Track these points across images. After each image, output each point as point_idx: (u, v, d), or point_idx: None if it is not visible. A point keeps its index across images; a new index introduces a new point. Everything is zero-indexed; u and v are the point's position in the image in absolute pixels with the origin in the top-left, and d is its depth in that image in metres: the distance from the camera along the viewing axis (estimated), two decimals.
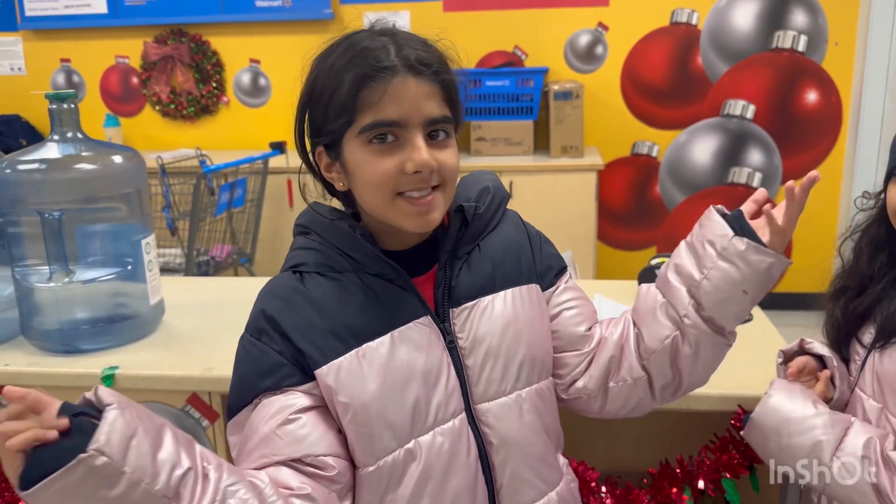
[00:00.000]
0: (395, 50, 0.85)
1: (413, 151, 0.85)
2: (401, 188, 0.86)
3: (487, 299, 0.95)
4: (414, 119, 0.85)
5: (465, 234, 0.96)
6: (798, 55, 3.61)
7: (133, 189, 1.55)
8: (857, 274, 1.17)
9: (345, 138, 0.87)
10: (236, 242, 3.48)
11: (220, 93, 4.03)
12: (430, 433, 0.90)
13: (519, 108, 3.64)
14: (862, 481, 1.00)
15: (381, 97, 0.83)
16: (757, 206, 1.02)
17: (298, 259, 0.94)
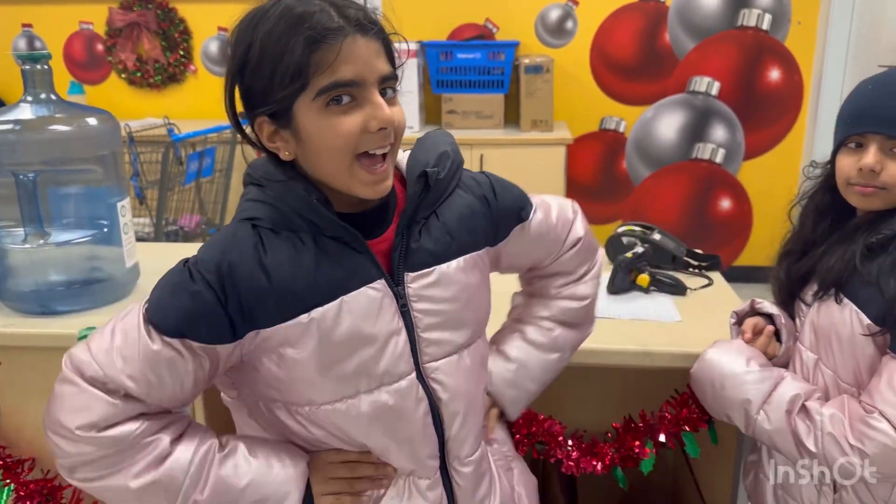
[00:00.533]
0: (335, 11, 0.84)
1: (375, 109, 0.85)
2: (362, 148, 0.86)
3: (443, 267, 0.96)
4: (369, 77, 0.85)
5: (424, 200, 0.97)
6: (762, 33, 3.68)
7: (108, 151, 1.55)
8: (801, 238, 1.25)
9: (296, 105, 0.84)
10: (205, 213, 3.47)
11: (187, 61, 3.98)
12: (375, 391, 0.93)
13: (490, 81, 3.67)
14: (782, 429, 1.12)
15: (336, 58, 0.82)
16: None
17: (253, 212, 0.92)
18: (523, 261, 1.16)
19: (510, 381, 1.18)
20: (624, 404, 1.44)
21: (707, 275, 1.71)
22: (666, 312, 1.51)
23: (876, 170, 1.10)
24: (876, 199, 1.12)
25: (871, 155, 1.10)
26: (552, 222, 1.13)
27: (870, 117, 1.12)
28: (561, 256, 1.16)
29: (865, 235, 1.12)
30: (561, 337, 1.20)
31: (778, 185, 3.87)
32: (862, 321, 1.09)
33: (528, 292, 1.24)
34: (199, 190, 3.42)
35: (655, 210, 3.97)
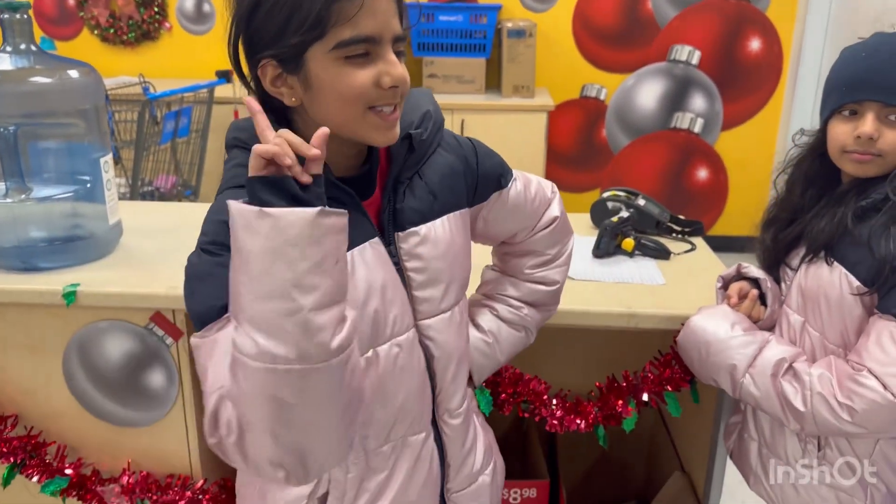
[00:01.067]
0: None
1: (390, 66, 0.85)
2: (374, 102, 0.86)
3: (430, 225, 0.99)
4: (386, 35, 0.85)
5: (408, 160, 0.98)
6: (744, 3, 3.70)
7: (90, 105, 1.52)
8: (788, 205, 1.26)
9: (310, 52, 0.83)
10: (181, 174, 3.42)
11: (162, 18, 3.89)
12: (387, 343, 0.95)
13: (472, 45, 3.64)
14: (768, 392, 1.15)
15: (358, 11, 0.82)
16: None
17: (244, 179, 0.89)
18: (498, 230, 1.17)
19: (482, 349, 1.21)
20: (608, 365, 1.47)
21: (690, 240, 1.73)
22: (650, 276, 1.53)
23: (874, 137, 1.11)
24: (872, 165, 1.14)
25: (869, 122, 1.11)
26: (531, 195, 1.16)
27: (866, 84, 1.12)
28: (535, 234, 1.19)
29: (855, 199, 1.14)
30: (529, 316, 1.24)
31: (754, 155, 3.91)
32: (851, 283, 1.12)
33: (500, 269, 1.27)
34: (174, 150, 3.37)
35: (634, 179, 4.00)
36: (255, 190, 0.76)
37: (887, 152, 1.12)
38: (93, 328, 1.47)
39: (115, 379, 1.50)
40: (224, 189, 0.90)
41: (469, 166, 1.06)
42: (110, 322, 1.46)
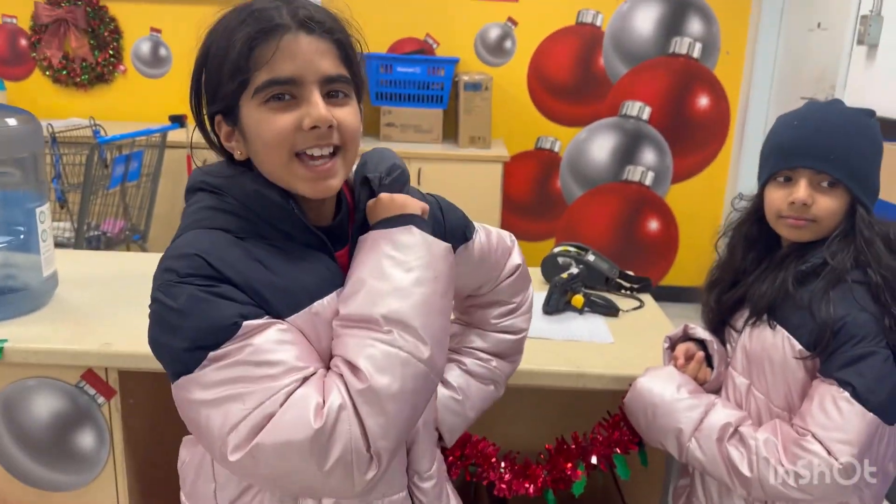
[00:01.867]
0: (287, 10, 0.84)
1: (310, 107, 0.83)
2: (299, 146, 0.85)
3: None
4: (309, 76, 0.83)
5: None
6: (693, 61, 3.81)
7: (28, 154, 1.48)
8: (730, 267, 1.27)
9: (241, 101, 0.85)
10: (129, 218, 3.34)
11: (116, 61, 3.85)
12: None
13: (429, 96, 3.67)
14: (714, 457, 1.14)
15: (274, 54, 0.82)
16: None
17: (216, 221, 0.86)
18: (465, 283, 1.15)
19: (452, 407, 1.17)
20: (557, 425, 1.45)
21: (638, 297, 1.74)
22: (599, 334, 1.53)
23: (808, 203, 1.13)
24: (807, 231, 1.16)
25: (802, 189, 1.14)
26: (493, 245, 1.14)
27: (798, 152, 1.15)
28: (500, 284, 1.17)
29: (795, 263, 1.16)
30: (498, 368, 1.21)
31: (704, 208, 4.00)
32: (794, 346, 1.12)
33: (464, 321, 1.23)
34: (124, 194, 3.30)
35: (587, 229, 4.05)
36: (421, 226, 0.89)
37: (821, 217, 1.14)
38: (20, 385, 1.40)
39: (43, 440, 1.43)
40: (190, 228, 0.86)
41: (437, 222, 1.03)
42: (39, 379, 1.40)
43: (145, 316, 0.83)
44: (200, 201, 0.89)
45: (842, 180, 1.13)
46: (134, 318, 1.46)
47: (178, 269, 0.81)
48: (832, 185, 1.14)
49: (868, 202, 1.16)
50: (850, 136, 1.14)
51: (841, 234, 1.15)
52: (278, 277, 0.84)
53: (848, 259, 1.12)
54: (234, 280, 0.81)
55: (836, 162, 1.13)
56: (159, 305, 0.81)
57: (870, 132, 1.17)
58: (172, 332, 0.79)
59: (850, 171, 1.13)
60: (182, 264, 0.81)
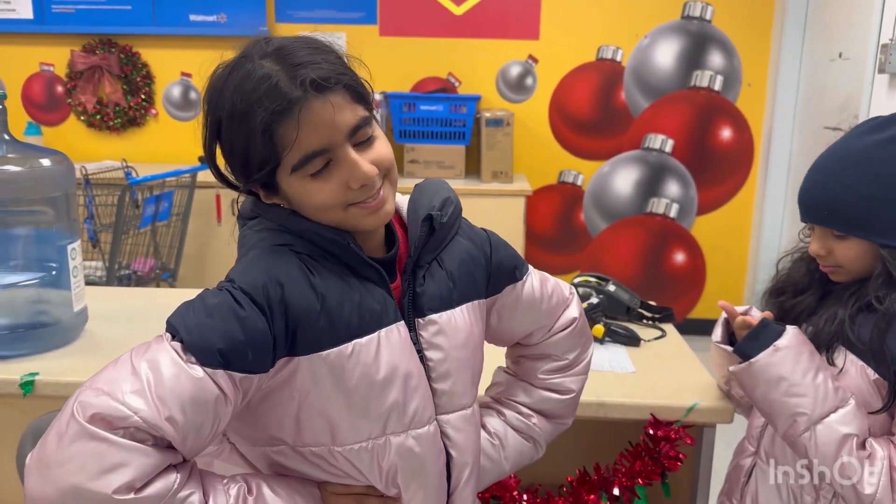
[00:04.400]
0: (287, 77, 0.81)
1: (353, 168, 0.83)
2: (351, 201, 0.85)
3: (450, 313, 0.95)
4: (337, 138, 0.83)
5: (428, 244, 0.94)
6: (714, 94, 3.83)
7: (60, 193, 1.53)
8: (792, 281, 1.27)
9: (278, 177, 0.85)
10: (160, 257, 3.42)
11: (148, 105, 3.97)
12: (403, 434, 0.90)
13: (452, 132, 3.73)
14: (827, 456, 1.08)
15: (297, 132, 0.80)
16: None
17: (284, 239, 0.87)
18: (513, 327, 1.10)
19: (488, 452, 1.11)
20: (579, 456, 1.44)
21: (660, 326, 1.73)
22: (620, 363, 1.52)
23: (822, 254, 1.16)
24: (840, 274, 1.18)
25: (814, 242, 1.18)
26: (547, 292, 1.10)
27: (803, 206, 1.20)
28: (552, 335, 1.12)
29: (853, 299, 1.15)
30: (538, 426, 1.14)
31: (730, 240, 3.97)
32: (869, 375, 1.11)
33: (513, 371, 1.18)
34: (154, 234, 3.38)
35: (612, 262, 4.04)
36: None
37: (845, 264, 1.16)
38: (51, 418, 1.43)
39: None
40: (257, 247, 0.87)
41: (485, 255, 1.02)
42: None
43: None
44: (259, 225, 0.90)
45: (848, 233, 1.14)
46: None
47: (238, 279, 0.83)
48: (843, 235, 1.14)
49: (892, 240, 1.11)
50: (853, 181, 1.11)
51: (882, 274, 1.11)
52: (325, 312, 0.84)
53: (892, 300, 1.09)
54: (285, 310, 0.82)
55: (837, 217, 1.13)
56: (204, 294, 0.83)
57: (888, 167, 1.10)
58: (188, 310, 0.81)
59: (853, 221, 1.12)
60: (244, 278, 0.83)
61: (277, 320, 0.81)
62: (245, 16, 3.79)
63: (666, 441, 1.32)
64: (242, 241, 0.92)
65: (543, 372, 1.13)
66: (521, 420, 1.13)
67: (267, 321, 0.81)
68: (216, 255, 3.55)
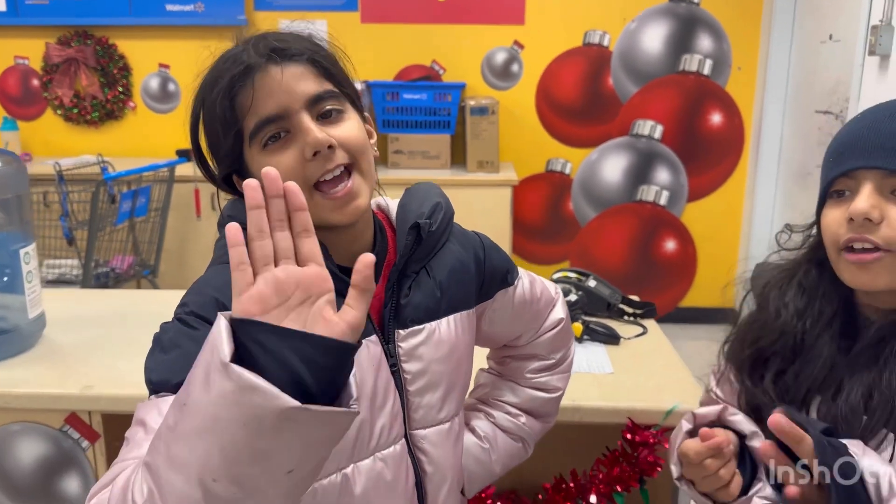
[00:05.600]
0: (252, 48, 0.82)
1: (305, 135, 0.80)
2: (312, 178, 0.81)
3: (434, 324, 0.91)
4: (293, 104, 0.80)
5: (415, 252, 0.90)
6: (703, 78, 3.75)
7: (12, 195, 1.46)
8: (779, 329, 0.88)
9: (245, 155, 0.83)
10: (139, 253, 3.35)
11: (126, 98, 3.89)
12: (370, 458, 0.85)
13: (436, 121, 3.65)
14: None
15: (252, 97, 0.80)
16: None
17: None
18: (503, 331, 1.08)
19: (477, 455, 1.08)
20: (555, 462, 1.39)
21: (641, 323, 1.67)
22: (598, 364, 1.47)
23: (873, 217, 0.78)
24: (880, 270, 0.78)
25: (865, 197, 0.78)
26: (536, 295, 1.08)
27: (859, 146, 0.81)
28: (539, 336, 1.11)
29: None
30: (527, 426, 1.12)
31: (722, 226, 3.91)
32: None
33: (497, 372, 1.16)
34: (133, 230, 3.31)
35: (602, 251, 3.98)
36: (255, 335, 0.60)
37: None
38: (4, 430, 1.38)
39: (28, 485, 1.40)
40: (216, 262, 0.86)
41: (477, 261, 0.99)
42: (23, 424, 1.37)
43: (130, 357, 0.85)
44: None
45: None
46: (118, 359, 1.44)
47: (189, 302, 0.80)
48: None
49: None
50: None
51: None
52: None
53: None
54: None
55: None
56: (158, 332, 0.80)
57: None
58: (152, 359, 0.77)
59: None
60: (195, 299, 0.80)
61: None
62: (223, 4, 3.70)
63: (644, 446, 1.27)
64: (214, 252, 0.90)
65: (530, 371, 1.12)
66: (510, 420, 1.11)
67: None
68: (197, 251, 3.48)
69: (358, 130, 0.85)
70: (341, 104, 0.84)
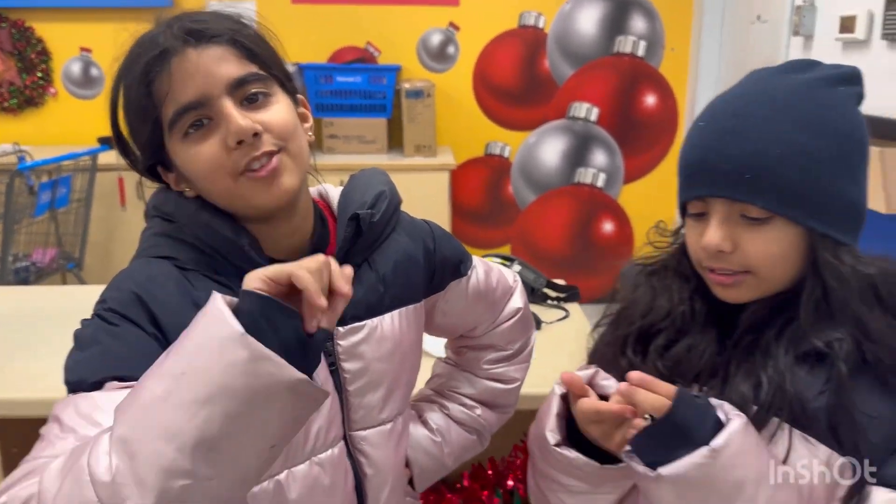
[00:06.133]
0: (168, 31, 0.76)
1: (228, 122, 0.75)
2: (238, 167, 0.76)
3: (376, 321, 0.87)
4: (214, 90, 0.75)
5: (356, 244, 0.86)
6: (638, 60, 3.77)
7: None
8: (665, 309, 0.85)
9: (166, 144, 0.78)
10: (62, 246, 3.22)
11: (46, 83, 3.71)
12: (306, 463, 0.82)
13: (372, 105, 3.59)
14: None
15: (170, 83, 0.75)
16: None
17: (167, 250, 0.80)
18: (458, 322, 1.05)
19: (428, 448, 1.06)
20: None
21: (564, 307, 1.66)
22: None
23: (725, 249, 0.76)
24: (743, 288, 0.78)
25: (713, 230, 0.77)
26: (492, 285, 1.05)
27: (702, 172, 0.78)
28: (497, 326, 1.08)
29: (788, 344, 0.76)
30: (483, 417, 1.10)
31: (657, 207, 3.94)
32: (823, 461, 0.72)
33: (454, 362, 1.13)
34: (55, 221, 3.18)
35: (541, 234, 3.98)
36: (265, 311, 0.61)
37: (758, 266, 0.76)
38: None
39: None
40: (140, 255, 0.82)
41: (427, 252, 0.94)
42: None
43: (30, 359, 0.82)
44: (152, 227, 0.83)
45: (776, 211, 0.75)
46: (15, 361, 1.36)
47: (108, 298, 0.77)
48: (764, 218, 0.76)
49: (838, 229, 0.76)
50: (791, 131, 0.74)
51: (816, 287, 0.76)
52: None
53: (848, 339, 0.73)
54: (160, 321, 0.74)
55: (762, 184, 0.74)
56: (77, 330, 0.76)
57: (832, 113, 0.76)
58: (70, 357, 0.74)
59: (788, 191, 0.74)
60: (114, 295, 0.77)
61: (157, 332, 0.74)
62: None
63: None
64: (141, 243, 0.85)
65: (487, 362, 1.10)
66: (465, 412, 1.09)
67: (146, 332, 0.74)
68: (123, 242, 3.36)
69: (287, 114, 0.80)
70: (267, 87, 0.79)
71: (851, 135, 0.77)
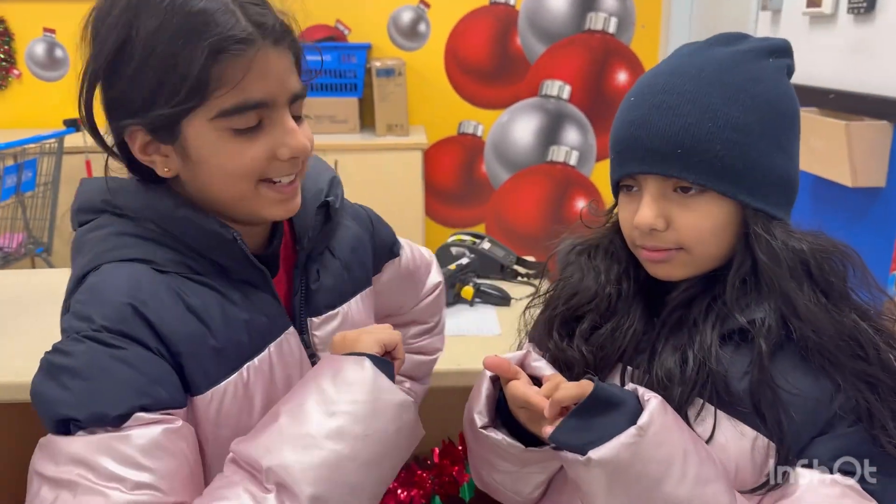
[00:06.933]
0: (242, 14, 0.70)
1: (287, 135, 0.73)
2: (269, 175, 0.74)
3: (346, 306, 0.88)
4: (281, 97, 0.73)
5: (319, 233, 0.86)
6: (609, 37, 3.77)
7: None
8: (588, 294, 0.84)
9: (187, 120, 0.71)
10: (30, 230, 3.17)
11: (9, 65, 3.63)
12: None
13: (343, 84, 3.56)
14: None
15: (245, 75, 0.69)
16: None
17: (142, 252, 0.73)
18: (389, 302, 1.05)
19: None
20: (443, 427, 1.38)
21: (534, 283, 1.67)
22: (487, 326, 1.46)
23: (658, 227, 0.76)
24: (675, 265, 0.78)
25: (646, 208, 0.76)
26: (417, 263, 1.08)
27: (632, 148, 0.77)
28: (420, 302, 1.10)
29: (710, 322, 0.76)
30: (412, 390, 1.12)
31: None
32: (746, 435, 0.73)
33: None
34: (22, 206, 3.12)
35: (515, 212, 3.99)
36: (387, 372, 0.75)
37: (690, 243, 0.76)
38: None
39: None
40: (104, 259, 0.73)
41: (369, 235, 0.96)
42: None
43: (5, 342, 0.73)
44: (108, 225, 0.76)
45: (708, 185, 0.74)
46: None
47: (96, 315, 0.68)
48: (696, 192, 0.75)
49: (770, 203, 0.76)
50: (721, 105, 0.73)
51: (744, 261, 0.76)
52: (212, 337, 0.73)
53: (772, 317, 0.73)
54: (160, 332, 0.69)
55: (693, 159, 0.73)
56: (57, 355, 0.68)
57: (761, 86, 0.75)
58: (62, 388, 0.66)
59: (718, 164, 0.73)
60: (104, 311, 0.69)
61: (159, 348, 0.70)
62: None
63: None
64: (80, 248, 0.76)
65: (411, 336, 1.12)
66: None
67: (150, 350, 0.69)
68: None
69: (312, 137, 0.79)
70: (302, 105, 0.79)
71: (781, 107, 0.76)
